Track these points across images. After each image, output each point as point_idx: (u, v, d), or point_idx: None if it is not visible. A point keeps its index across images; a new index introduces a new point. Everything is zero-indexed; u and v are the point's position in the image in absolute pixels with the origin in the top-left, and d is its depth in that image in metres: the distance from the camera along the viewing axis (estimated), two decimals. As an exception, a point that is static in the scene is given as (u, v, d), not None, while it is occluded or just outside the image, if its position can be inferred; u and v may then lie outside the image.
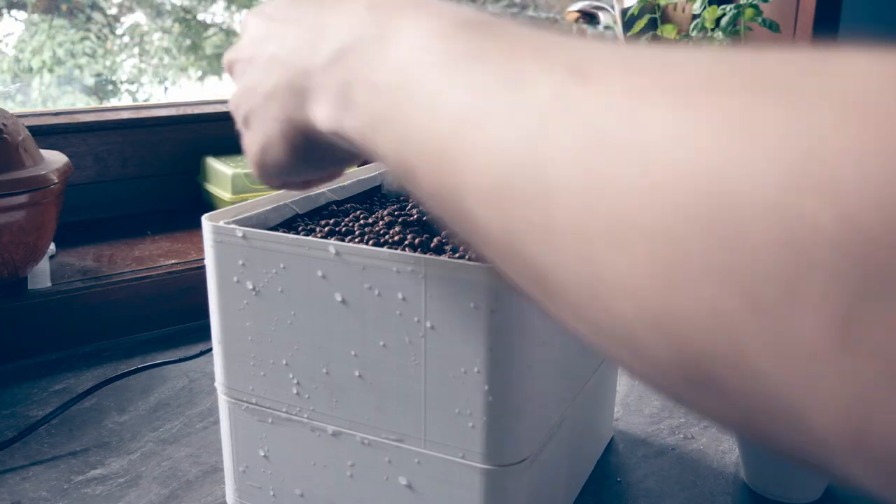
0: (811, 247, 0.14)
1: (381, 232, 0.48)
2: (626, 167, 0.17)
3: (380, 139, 0.26)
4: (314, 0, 0.31)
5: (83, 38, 2.41)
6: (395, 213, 0.54)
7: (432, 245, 0.46)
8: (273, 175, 0.35)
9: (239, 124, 0.36)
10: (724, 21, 0.66)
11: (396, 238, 0.48)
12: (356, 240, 0.47)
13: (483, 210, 0.22)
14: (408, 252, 0.42)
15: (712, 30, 0.69)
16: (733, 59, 0.18)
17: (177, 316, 0.82)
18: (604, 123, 0.18)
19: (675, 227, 0.16)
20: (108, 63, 2.47)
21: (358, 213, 0.53)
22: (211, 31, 2.70)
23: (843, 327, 0.14)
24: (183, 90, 2.63)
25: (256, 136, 0.34)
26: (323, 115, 0.28)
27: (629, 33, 0.76)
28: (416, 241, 0.47)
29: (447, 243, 0.47)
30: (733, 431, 0.17)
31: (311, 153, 0.32)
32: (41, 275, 0.78)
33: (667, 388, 0.19)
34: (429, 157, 0.23)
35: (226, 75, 0.37)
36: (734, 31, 0.69)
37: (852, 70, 0.15)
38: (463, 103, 0.22)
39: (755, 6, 0.66)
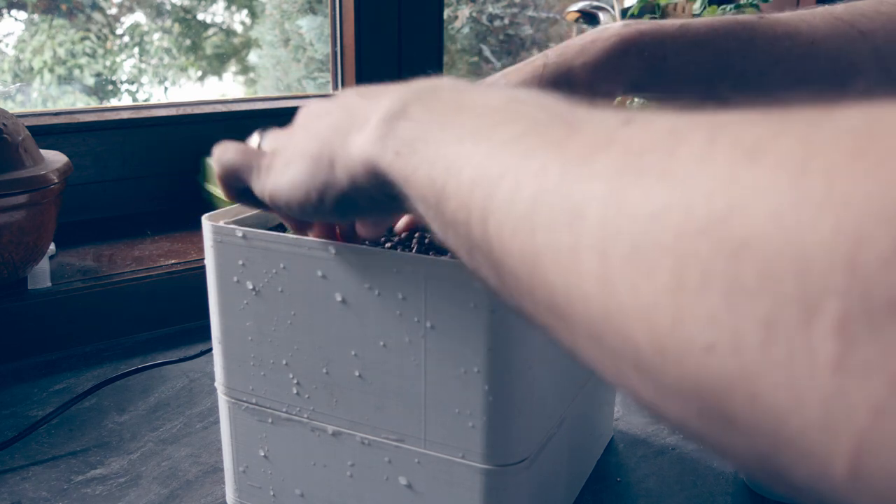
0: (827, 270, 0.14)
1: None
2: (652, 193, 0.18)
3: (414, 160, 0.27)
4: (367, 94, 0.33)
5: (83, 38, 2.41)
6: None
7: (427, 242, 0.46)
8: (277, 191, 0.36)
9: (257, 166, 0.37)
10: (724, 21, 0.66)
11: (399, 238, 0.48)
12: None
13: (510, 235, 0.22)
14: (408, 252, 0.42)
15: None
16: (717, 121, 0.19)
17: (177, 316, 0.82)
18: (637, 155, 0.19)
19: (694, 250, 0.17)
20: (108, 63, 2.47)
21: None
22: (211, 31, 2.70)
23: (850, 354, 0.14)
24: (183, 90, 2.63)
25: (287, 154, 0.35)
26: (360, 141, 0.30)
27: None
28: (415, 241, 0.47)
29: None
30: (748, 468, 0.18)
31: (327, 186, 0.33)
32: (41, 275, 0.78)
33: (678, 420, 0.19)
34: (461, 180, 0.25)
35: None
36: None
37: (847, 115, 0.16)
38: (519, 132, 0.24)
39: (755, 6, 0.66)
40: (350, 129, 0.31)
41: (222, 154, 0.39)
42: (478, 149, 0.24)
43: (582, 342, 0.21)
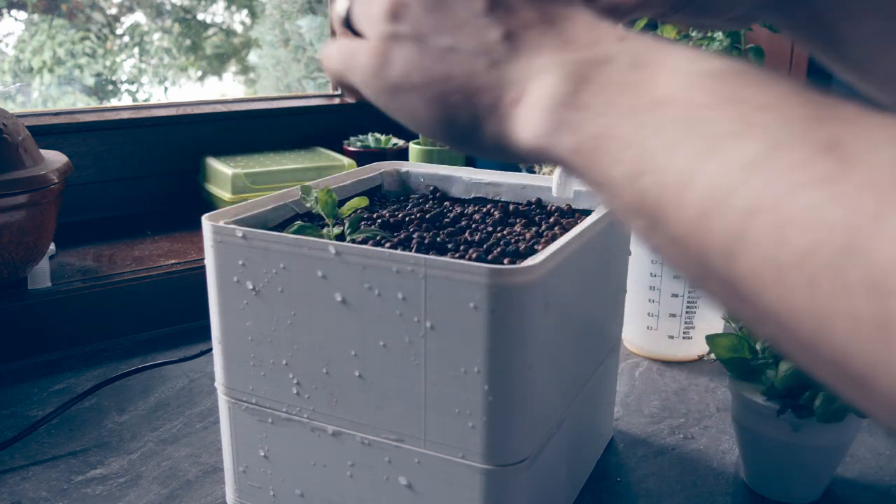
0: None
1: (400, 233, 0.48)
2: None
3: (602, 162, 0.23)
4: None
5: (83, 38, 2.41)
6: (396, 212, 0.54)
7: (424, 241, 0.46)
8: (398, 117, 0.30)
9: (372, 21, 0.29)
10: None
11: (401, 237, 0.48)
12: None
13: (774, 282, 0.18)
14: (408, 252, 0.42)
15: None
16: None
17: (177, 316, 0.82)
18: None
19: None
20: (108, 63, 2.47)
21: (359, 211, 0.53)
22: (211, 31, 2.71)
23: None
24: (183, 90, 2.63)
25: (413, 73, 0.28)
26: (525, 126, 0.25)
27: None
28: (414, 241, 0.47)
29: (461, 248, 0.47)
30: None
31: (467, 142, 0.28)
32: (41, 275, 0.78)
33: None
34: (686, 203, 0.20)
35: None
36: (734, 32, 0.69)
37: None
38: (760, 153, 0.19)
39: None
40: (499, 92, 0.26)
41: (327, 63, 0.33)
42: (705, 167, 0.20)
43: (891, 418, 0.18)
